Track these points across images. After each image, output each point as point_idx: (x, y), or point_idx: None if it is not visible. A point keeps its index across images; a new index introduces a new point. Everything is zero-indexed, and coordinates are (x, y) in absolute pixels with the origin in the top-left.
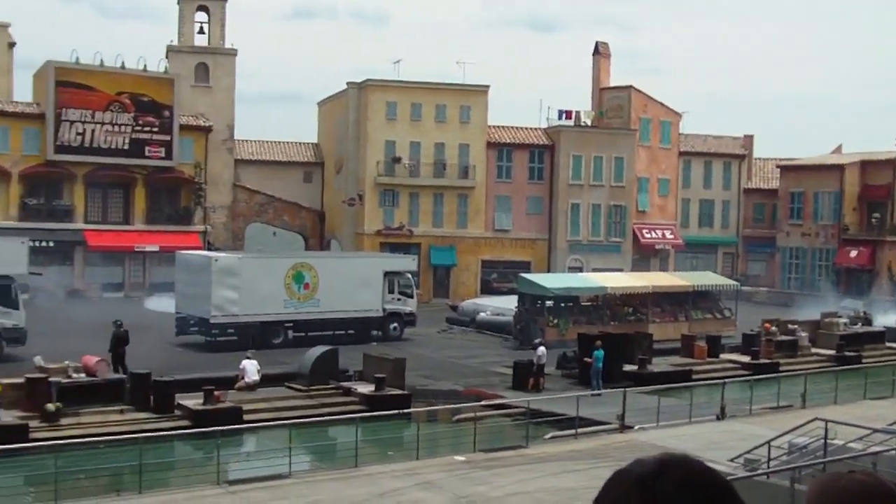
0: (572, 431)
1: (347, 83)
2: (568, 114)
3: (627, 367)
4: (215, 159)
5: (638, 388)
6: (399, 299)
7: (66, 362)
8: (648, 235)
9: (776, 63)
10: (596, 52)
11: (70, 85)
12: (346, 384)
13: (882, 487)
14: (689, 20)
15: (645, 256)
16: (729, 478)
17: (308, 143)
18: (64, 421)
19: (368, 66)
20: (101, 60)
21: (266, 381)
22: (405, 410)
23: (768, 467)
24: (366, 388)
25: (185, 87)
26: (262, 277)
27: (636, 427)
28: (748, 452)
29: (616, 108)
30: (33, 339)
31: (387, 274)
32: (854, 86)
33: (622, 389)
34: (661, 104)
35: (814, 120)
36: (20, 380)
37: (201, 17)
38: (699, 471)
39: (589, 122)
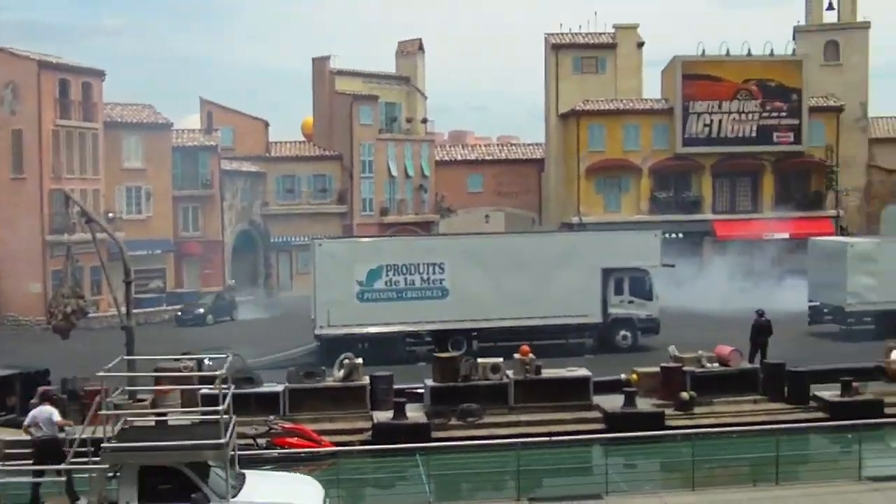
0: None
1: None
2: None
3: None
4: (847, 140)
5: None
6: None
7: (700, 352)
8: None
9: None
10: None
11: (697, 77)
12: None
13: None
14: None
15: None
16: None
17: None
18: (698, 410)
19: None
20: (727, 50)
21: None
22: None
23: None
24: None
25: (813, 67)
26: None
27: None
28: None
29: None
30: (666, 330)
31: None
32: None
33: None
34: None
35: None
36: (655, 369)
37: None
38: None
39: None
